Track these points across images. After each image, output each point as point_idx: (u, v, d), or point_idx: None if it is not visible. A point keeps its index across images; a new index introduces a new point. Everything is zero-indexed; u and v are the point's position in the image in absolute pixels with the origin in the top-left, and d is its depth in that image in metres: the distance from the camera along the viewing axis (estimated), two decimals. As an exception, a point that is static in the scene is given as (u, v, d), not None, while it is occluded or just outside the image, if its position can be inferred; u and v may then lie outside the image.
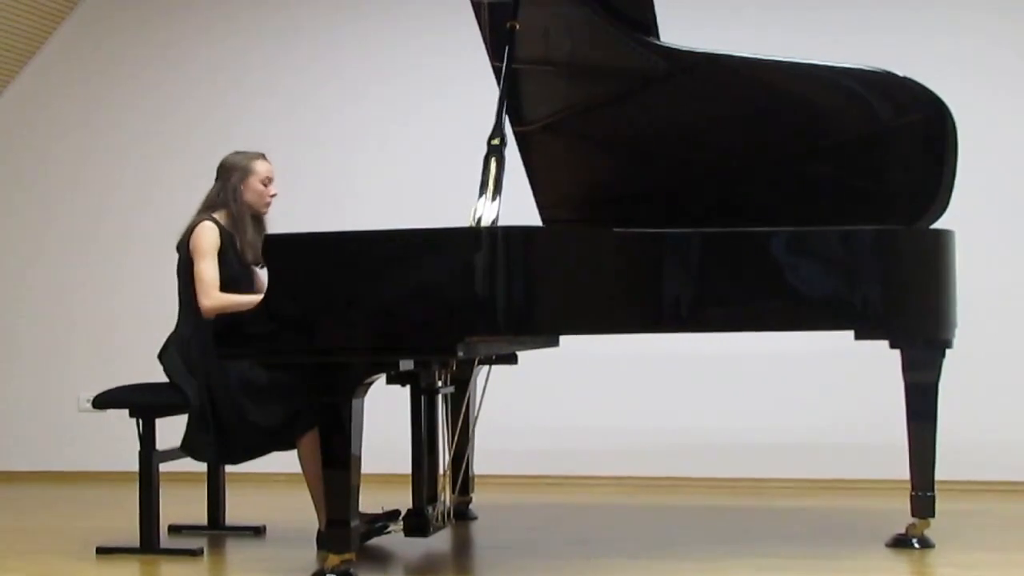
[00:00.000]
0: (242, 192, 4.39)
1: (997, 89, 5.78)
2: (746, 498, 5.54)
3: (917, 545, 4.25)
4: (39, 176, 6.75)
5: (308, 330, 3.70)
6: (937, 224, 4.30)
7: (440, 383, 4.38)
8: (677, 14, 4.62)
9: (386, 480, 4.86)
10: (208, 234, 4.29)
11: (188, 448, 4.33)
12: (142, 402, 4.30)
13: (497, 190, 3.92)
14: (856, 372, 5.45)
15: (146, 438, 4.27)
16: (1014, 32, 5.82)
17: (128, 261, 6.54)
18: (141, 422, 4.28)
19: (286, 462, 4.39)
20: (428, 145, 6.27)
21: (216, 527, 4.72)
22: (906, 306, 4.23)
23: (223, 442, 4.24)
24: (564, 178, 4.88)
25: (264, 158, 4.46)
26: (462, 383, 4.59)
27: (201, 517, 4.73)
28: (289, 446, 4.27)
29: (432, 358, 4.10)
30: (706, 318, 4.12)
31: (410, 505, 4.32)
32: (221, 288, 4.23)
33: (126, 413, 4.32)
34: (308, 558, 4.16)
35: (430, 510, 4.28)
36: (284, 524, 4.81)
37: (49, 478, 6.46)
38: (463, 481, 4.83)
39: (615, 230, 4.01)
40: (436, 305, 3.62)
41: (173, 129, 6.59)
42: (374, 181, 6.30)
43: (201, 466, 4.60)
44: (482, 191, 3.92)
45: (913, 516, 4.27)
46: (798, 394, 5.81)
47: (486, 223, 3.82)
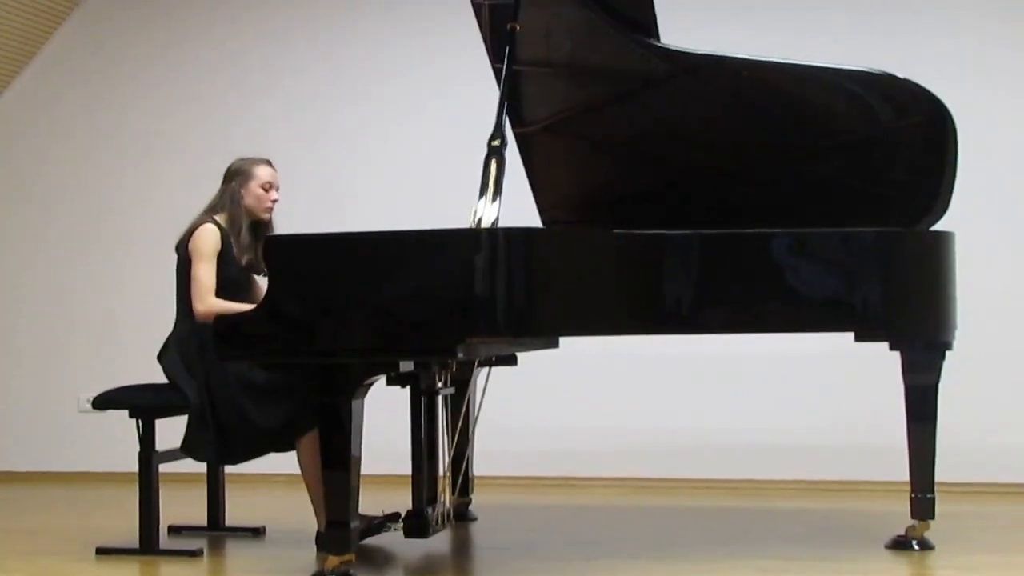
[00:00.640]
0: (241, 196, 4.39)
1: (997, 89, 5.77)
2: (746, 499, 5.54)
3: (917, 547, 4.24)
4: (39, 176, 6.75)
5: (308, 331, 3.69)
6: (937, 225, 4.30)
7: (440, 384, 4.37)
8: (677, 15, 4.61)
9: (386, 481, 4.86)
10: (208, 237, 4.29)
11: (188, 448, 4.32)
12: (142, 403, 4.30)
13: (497, 191, 3.91)
14: (856, 373, 5.44)
15: (146, 439, 4.28)
16: (1014, 32, 5.82)
17: (128, 261, 6.54)
18: (141, 423, 4.28)
19: (286, 462, 4.39)
20: (428, 145, 6.27)
21: (216, 528, 4.72)
22: (906, 308, 4.22)
23: (223, 442, 4.24)
24: (564, 179, 4.88)
25: (268, 164, 4.46)
26: (462, 384, 4.58)
27: (201, 518, 4.73)
28: (288, 447, 4.27)
29: (432, 359, 4.10)
30: (706, 319, 4.12)
31: (410, 506, 4.32)
32: (219, 290, 4.24)
33: (126, 414, 4.32)
34: (308, 559, 4.15)
35: (430, 511, 4.28)
36: (284, 525, 4.81)
37: (49, 478, 6.46)
38: (463, 482, 4.83)
39: (615, 231, 4.01)
40: (436, 306, 3.61)
41: (173, 129, 6.59)
42: (374, 181, 6.30)
43: (201, 467, 4.60)
44: (482, 192, 3.91)
45: (913, 518, 4.27)
46: (798, 395, 5.81)
47: (486, 224, 3.81)
